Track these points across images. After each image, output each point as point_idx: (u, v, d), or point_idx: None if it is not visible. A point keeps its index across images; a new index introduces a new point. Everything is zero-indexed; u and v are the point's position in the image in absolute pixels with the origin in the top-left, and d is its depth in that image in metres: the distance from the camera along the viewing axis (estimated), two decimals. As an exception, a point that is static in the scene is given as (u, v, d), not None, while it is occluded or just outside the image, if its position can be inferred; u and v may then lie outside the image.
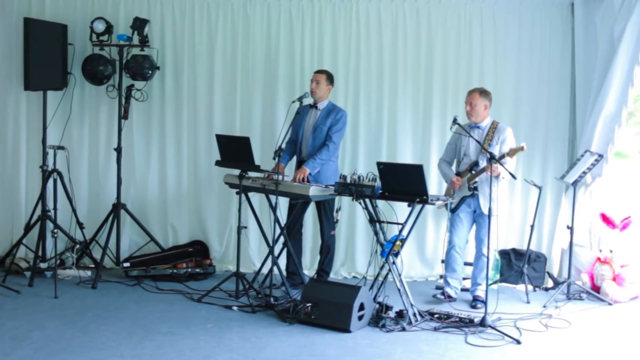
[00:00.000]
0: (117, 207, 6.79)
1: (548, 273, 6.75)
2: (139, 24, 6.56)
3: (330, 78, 6.27)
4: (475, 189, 5.88)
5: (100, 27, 6.56)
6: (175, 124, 6.96)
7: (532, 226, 6.42)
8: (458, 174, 6.03)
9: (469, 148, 5.98)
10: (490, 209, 5.39)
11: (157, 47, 6.81)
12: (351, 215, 6.88)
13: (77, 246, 6.70)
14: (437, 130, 6.83)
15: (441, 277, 6.67)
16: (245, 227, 6.03)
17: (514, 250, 6.83)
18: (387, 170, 5.38)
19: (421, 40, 6.84)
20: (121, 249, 6.95)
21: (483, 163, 5.80)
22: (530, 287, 6.42)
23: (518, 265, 6.59)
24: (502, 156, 5.64)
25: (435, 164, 6.56)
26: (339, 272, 6.95)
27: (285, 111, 6.51)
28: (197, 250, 6.86)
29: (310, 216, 6.75)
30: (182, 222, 7.05)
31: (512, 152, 5.62)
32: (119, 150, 6.75)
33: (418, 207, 5.38)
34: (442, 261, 6.37)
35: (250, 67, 6.89)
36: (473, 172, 5.88)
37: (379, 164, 5.40)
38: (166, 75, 6.90)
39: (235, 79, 6.90)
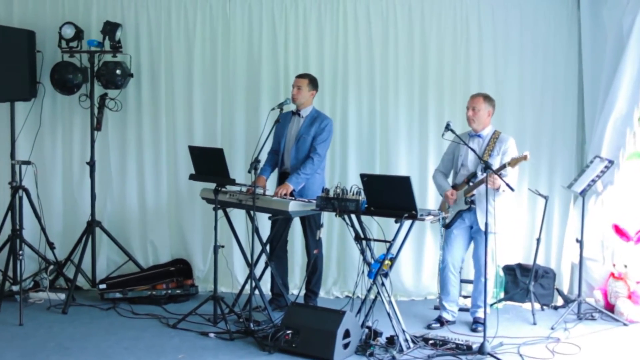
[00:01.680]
0: (92, 225, 6.38)
1: (557, 290, 6.24)
2: (110, 29, 6.18)
3: (313, 82, 5.81)
4: (473, 202, 5.38)
5: (69, 32, 6.17)
6: (153, 135, 6.57)
7: (538, 239, 5.91)
8: (454, 186, 5.53)
9: (467, 158, 5.48)
10: (487, 224, 4.89)
11: (131, 53, 6.41)
12: (343, 230, 6.40)
13: (51, 267, 6.28)
14: (433, 138, 6.35)
15: (439, 296, 6.24)
16: (223, 247, 5.56)
17: (519, 265, 6.33)
18: (372, 182, 4.90)
19: (414, 41, 6.37)
20: (98, 269, 6.55)
21: (481, 174, 5.30)
22: (537, 306, 5.93)
23: (524, 281, 6.09)
24: (503, 166, 5.16)
25: (432, 173, 6.04)
26: (331, 292, 6.50)
27: (272, 118, 6.03)
28: (179, 270, 6.44)
29: (299, 232, 6.27)
30: (163, 240, 6.65)
31: (513, 162, 5.11)
32: (91, 164, 6.36)
33: (407, 223, 4.89)
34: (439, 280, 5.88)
35: (232, 71, 6.48)
36: (471, 184, 5.38)
37: (362, 175, 4.93)
38: (142, 83, 6.50)
39: (216, 85, 6.50)
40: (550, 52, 6.32)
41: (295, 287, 6.37)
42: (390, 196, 4.82)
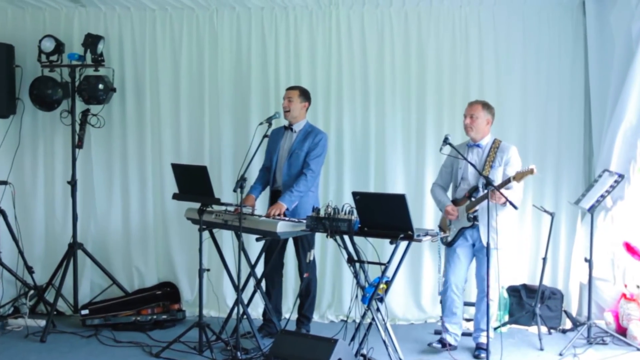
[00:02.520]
0: (74, 247, 6.07)
1: (565, 312, 5.90)
2: (92, 41, 5.91)
3: (304, 94, 5.52)
4: (475, 218, 5.05)
5: (48, 45, 5.91)
6: (138, 152, 6.30)
7: (544, 258, 5.57)
8: (455, 201, 5.20)
9: (467, 171, 5.16)
10: (489, 242, 4.58)
11: (114, 67, 6.15)
12: (338, 250, 6.00)
13: (31, 292, 5.98)
14: (432, 152, 6.04)
15: (442, 318, 5.91)
16: (208, 270, 5.25)
17: (524, 286, 6.00)
18: (365, 201, 4.59)
19: (411, 51, 6.08)
20: (81, 293, 6.24)
21: (483, 189, 4.97)
22: (544, 330, 5.60)
23: (530, 303, 5.78)
24: (508, 181, 4.83)
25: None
26: (325, 316, 6.18)
27: (259, 134, 5.74)
28: (166, 294, 6.14)
29: (292, 252, 5.92)
30: (149, 262, 6.35)
31: (519, 176, 4.79)
32: (73, 183, 6.06)
33: (403, 244, 4.57)
34: (441, 301, 5.56)
35: (220, 85, 6.21)
36: (472, 199, 5.05)
37: (354, 194, 4.61)
38: (126, 98, 6.24)
39: (203, 100, 6.23)
40: (555, 60, 6.02)
41: (288, 310, 6.04)
42: (384, 215, 4.51)
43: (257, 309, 5.97)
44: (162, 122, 6.25)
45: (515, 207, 4.66)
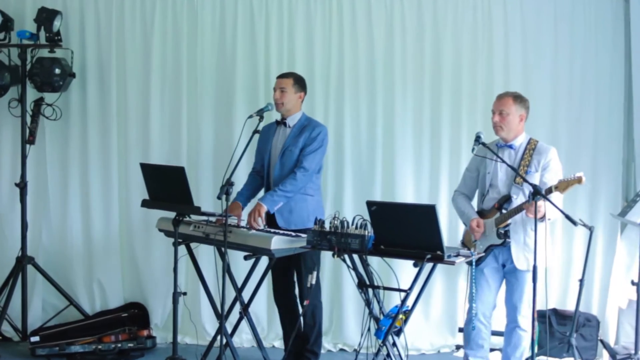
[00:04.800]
0: (22, 262, 5.34)
1: (602, 342, 5.18)
2: (47, 17, 5.16)
3: (299, 82, 4.73)
4: (507, 234, 4.23)
5: (-6, 21, 5.19)
6: (101, 149, 5.55)
7: (581, 280, 4.78)
8: (481, 212, 4.38)
9: (497, 176, 4.35)
10: (535, 266, 3.83)
11: (73, 48, 5.38)
12: (336, 269, 5.36)
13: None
14: (447, 156, 5.35)
15: (458, 348, 5.21)
16: (184, 294, 4.51)
17: (554, 311, 5.26)
18: (383, 212, 3.81)
19: (425, 39, 5.36)
20: (31, 316, 5.49)
21: (518, 198, 4.20)
22: (580, 363, 4.87)
23: (561, 332, 5.06)
24: (549, 190, 4.03)
25: (446, 201, 5.14)
26: (322, 344, 5.33)
27: (248, 129, 4.94)
28: (133, 316, 5.43)
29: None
30: (114, 280, 5.60)
31: (563, 186, 3.99)
32: (22, 185, 5.35)
33: (429, 266, 3.81)
34: (460, 329, 4.86)
35: (199, 72, 5.47)
36: (504, 211, 4.23)
37: (369, 203, 3.82)
38: (87, 85, 5.50)
39: (180, 90, 5.48)
40: (592, 54, 5.33)
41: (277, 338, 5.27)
42: (407, 231, 3.73)
43: (240, 335, 5.26)
44: (130, 115, 5.52)
45: (574, 223, 3.90)
